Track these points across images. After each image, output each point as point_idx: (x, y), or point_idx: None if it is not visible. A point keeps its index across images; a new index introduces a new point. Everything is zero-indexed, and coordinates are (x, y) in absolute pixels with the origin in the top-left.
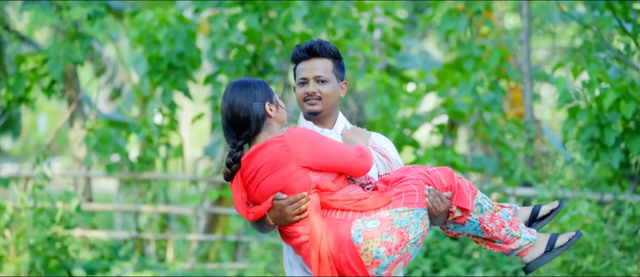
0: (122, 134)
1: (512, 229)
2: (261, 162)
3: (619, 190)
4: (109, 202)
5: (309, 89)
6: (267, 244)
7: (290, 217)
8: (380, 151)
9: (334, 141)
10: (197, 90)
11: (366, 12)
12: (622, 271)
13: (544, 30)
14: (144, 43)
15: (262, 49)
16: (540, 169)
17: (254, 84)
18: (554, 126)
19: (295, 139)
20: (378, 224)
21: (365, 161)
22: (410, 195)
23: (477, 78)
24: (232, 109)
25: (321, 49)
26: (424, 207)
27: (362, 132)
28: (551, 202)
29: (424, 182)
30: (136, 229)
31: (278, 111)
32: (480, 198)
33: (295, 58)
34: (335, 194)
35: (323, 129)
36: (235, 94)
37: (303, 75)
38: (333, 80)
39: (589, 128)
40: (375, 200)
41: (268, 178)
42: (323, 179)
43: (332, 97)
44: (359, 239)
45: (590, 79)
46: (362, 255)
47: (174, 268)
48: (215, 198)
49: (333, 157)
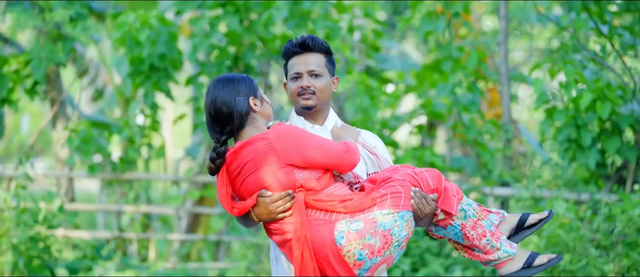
0: (104, 134)
1: (493, 239)
2: (246, 159)
3: (596, 190)
4: (91, 202)
5: (303, 83)
6: (248, 243)
7: (274, 214)
8: (370, 149)
9: (320, 137)
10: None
11: (346, 14)
12: (598, 270)
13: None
14: (126, 44)
15: (243, 51)
16: (518, 169)
17: (237, 79)
18: (532, 127)
19: (280, 137)
20: (361, 226)
21: (351, 157)
22: (396, 197)
23: (456, 79)
24: (216, 104)
25: (314, 44)
26: (410, 210)
27: (351, 129)
28: (540, 212)
29: (410, 184)
30: (118, 229)
31: (263, 106)
32: (466, 204)
33: (288, 53)
34: (320, 193)
35: (314, 125)
36: (218, 89)
37: (296, 69)
38: (326, 74)
39: (565, 129)
40: (360, 201)
41: (253, 175)
42: (308, 178)
43: (326, 92)
44: (342, 240)
45: (567, 80)
46: (345, 256)
47: (156, 268)
48: (196, 198)
49: (318, 153)
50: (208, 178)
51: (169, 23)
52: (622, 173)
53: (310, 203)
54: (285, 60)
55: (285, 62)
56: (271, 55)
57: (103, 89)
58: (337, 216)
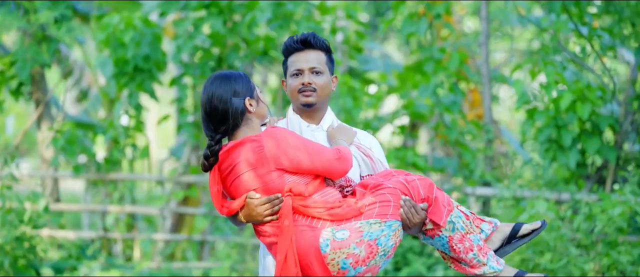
0: (89, 135)
1: (480, 254)
2: (237, 160)
3: (576, 189)
4: (76, 202)
5: (304, 80)
6: (232, 243)
7: (261, 217)
8: (364, 151)
9: (312, 143)
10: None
11: (329, 16)
12: (579, 269)
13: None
14: (110, 46)
15: (227, 52)
16: (499, 169)
17: (235, 77)
18: (513, 127)
19: (271, 141)
20: (347, 234)
21: (343, 164)
22: (384, 206)
23: (438, 80)
24: (211, 103)
25: (315, 41)
26: (398, 219)
27: (347, 130)
28: (533, 222)
29: (401, 192)
30: (103, 229)
31: (258, 106)
32: (455, 216)
33: (288, 49)
34: (308, 199)
35: (310, 124)
36: (215, 86)
37: (298, 66)
38: (327, 72)
39: (546, 129)
40: (347, 210)
41: (243, 176)
42: (297, 182)
43: (326, 90)
44: (327, 248)
45: (548, 81)
46: (329, 264)
47: (140, 267)
48: (181, 198)
49: (308, 160)
50: (192, 178)
51: (153, 24)
52: (602, 173)
53: (297, 208)
54: (285, 57)
55: (284, 59)
56: (254, 57)
57: (88, 90)
58: (323, 223)
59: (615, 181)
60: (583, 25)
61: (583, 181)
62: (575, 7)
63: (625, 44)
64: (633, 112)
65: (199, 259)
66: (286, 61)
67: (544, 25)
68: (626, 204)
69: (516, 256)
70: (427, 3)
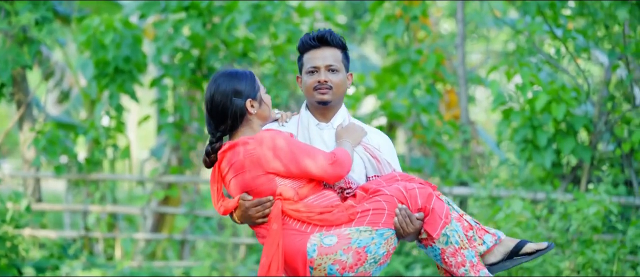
0: (70, 135)
1: (472, 271)
2: (232, 161)
3: (551, 189)
4: (57, 202)
5: (320, 78)
6: (212, 242)
7: (253, 219)
8: (371, 152)
9: (305, 147)
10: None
11: (307, 18)
12: (554, 267)
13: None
14: (91, 47)
15: (207, 53)
16: (476, 169)
17: (239, 77)
18: (489, 127)
19: (263, 145)
20: (335, 241)
21: (338, 169)
22: (377, 214)
23: (415, 81)
24: (212, 101)
25: (332, 38)
26: (391, 227)
27: (355, 130)
28: (539, 242)
29: (398, 200)
30: (85, 229)
31: (261, 108)
32: (451, 230)
33: (304, 46)
34: (298, 203)
35: (319, 123)
36: (217, 85)
37: (314, 63)
38: (342, 70)
39: (522, 129)
40: (338, 215)
41: (237, 177)
42: (288, 187)
43: (342, 87)
44: (314, 253)
45: (523, 82)
46: (315, 269)
47: (121, 266)
48: (161, 198)
49: (300, 165)
50: (172, 178)
51: (133, 26)
52: (577, 173)
53: (287, 212)
54: (301, 53)
55: (299, 56)
56: (234, 58)
57: (69, 91)
58: (312, 228)
59: (589, 180)
60: (558, 27)
61: (558, 181)
62: (549, 10)
63: (599, 45)
64: (607, 113)
65: (179, 258)
66: (302, 58)
67: (519, 27)
68: (601, 203)
69: None
70: (404, 5)
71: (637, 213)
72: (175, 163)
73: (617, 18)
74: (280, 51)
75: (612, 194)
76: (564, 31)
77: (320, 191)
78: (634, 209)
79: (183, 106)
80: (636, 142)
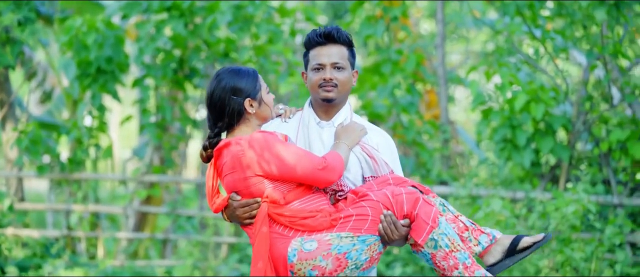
0: (52, 135)
1: (466, 272)
2: (224, 160)
3: (530, 188)
4: (40, 201)
5: (326, 75)
6: (194, 242)
7: (240, 219)
8: (368, 152)
9: (298, 152)
10: (125, 93)
11: (288, 18)
12: (534, 266)
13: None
14: (73, 48)
15: (188, 54)
16: (456, 168)
17: (241, 75)
18: (468, 127)
19: (252, 148)
20: (315, 246)
21: (328, 174)
22: (361, 220)
23: (395, 81)
24: (212, 97)
25: (338, 35)
26: (374, 234)
27: (354, 130)
28: (535, 235)
29: (384, 206)
30: (67, 228)
31: (260, 108)
32: (439, 234)
33: (311, 43)
34: (283, 207)
35: (320, 121)
36: (218, 81)
37: (320, 61)
38: (348, 68)
39: (501, 129)
40: (320, 221)
41: (228, 176)
42: (277, 189)
43: (347, 85)
44: (294, 258)
45: (502, 82)
46: (295, 274)
47: (104, 265)
48: (143, 197)
49: (288, 170)
50: (154, 178)
51: (116, 27)
52: (556, 172)
53: (272, 215)
54: (307, 50)
55: (306, 52)
56: (215, 58)
57: (51, 91)
58: (294, 232)
59: (568, 179)
60: (536, 27)
61: (537, 180)
62: (528, 10)
63: (577, 46)
64: (585, 113)
65: (161, 257)
66: (308, 54)
67: (498, 27)
68: (579, 202)
69: None
70: (384, 6)
71: (615, 212)
72: (157, 163)
73: (595, 19)
74: (262, 51)
75: (590, 193)
76: (543, 32)
77: (309, 195)
78: (612, 208)
79: (165, 106)
80: (614, 141)
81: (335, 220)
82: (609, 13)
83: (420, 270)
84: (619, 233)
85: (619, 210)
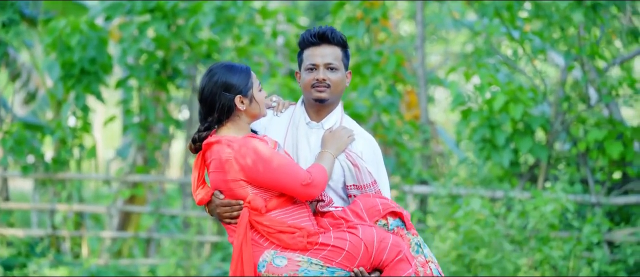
0: (37, 136)
1: None
2: (211, 157)
3: (509, 187)
4: (25, 201)
5: (319, 76)
6: (177, 240)
7: (221, 216)
8: (353, 160)
9: (285, 163)
10: (108, 94)
11: (270, 20)
12: (512, 264)
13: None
14: (57, 49)
15: (171, 55)
16: (436, 168)
17: (234, 71)
18: (448, 127)
19: (242, 155)
20: (284, 263)
21: (310, 191)
22: (335, 251)
23: (375, 82)
24: (203, 92)
25: (332, 36)
26: (346, 269)
27: (341, 137)
28: None
29: (365, 246)
30: (52, 227)
31: (251, 105)
32: None
33: (305, 43)
34: (263, 216)
35: (310, 121)
36: (210, 76)
37: (313, 61)
38: (342, 68)
39: (480, 129)
40: (297, 240)
41: (214, 174)
42: (258, 196)
43: (340, 86)
44: (262, 268)
45: (481, 82)
46: None
47: (88, 264)
48: (127, 197)
49: (273, 182)
50: (138, 178)
51: (99, 28)
52: (534, 171)
53: (251, 222)
54: (301, 49)
55: (300, 51)
56: (198, 59)
57: (35, 92)
58: (270, 244)
59: (546, 179)
60: (515, 29)
61: (516, 179)
62: (507, 12)
63: (554, 47)
64: (563, 113)
65: (145, 256)
66: (302, 54)
67: (477, 29)
68: (557, 201)
69: (453, 252)
70: (365, 7)
71: (593, 211)
72: (141, 163)
73: (572, 20)
74: (244, 52)
75: (568, 192)
76: (521, 33)
77: (290, 206)
78: (590, 207)
79: (148, 107)
80: (591, 141)
81: (311, 244)
82: (586, 15)
83: None
84: (596, 232)
85: (596, 209)
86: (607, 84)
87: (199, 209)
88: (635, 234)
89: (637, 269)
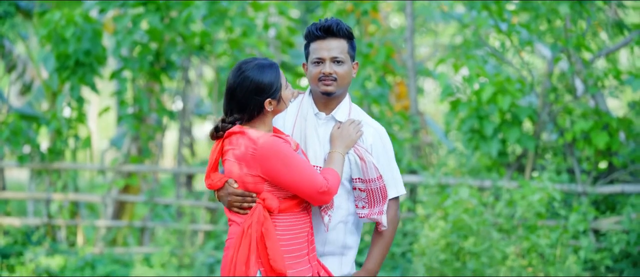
0: (33, 126)
1: None
2: (231, 146)
3: (497, 177)
4: (21, 190)
5: (325, 69)
6: (171, 229)
7: (229, 204)
8: (360, 154)
9: (304, 167)
10: (103, 85)
11: (261, 12)
12: (500, 252)
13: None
14: (52, 41)
15: (164, 47)
16: (425, 158)
17: (267, 73)
18: (437, 118)
19: (263, 154)
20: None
21: (326, 198)
22: None
23: (366, 73)
24: (235, 90)
25: (338, 29)
26: None
27: (349, 134)
28: None
29: None
30: (47, 216)
31: (278, 105)
32: None
33: (310, 36)
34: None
35: (319, 112)
36: (243, 78)
37: (319, 55)
38: (348, 61)
39: (469, 120)
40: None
41: (230, 163)
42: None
43: (347, 78)
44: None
45: (470, 74)
46: None
47: (83, 252)
48: (122, 186)
49: (291, 184)
50: (132, 167)
51: (93, 21)
52: (522, 161)
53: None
54: (307, 42)
55: (306, 43)
56: (191, 51)
57: (31, 84)
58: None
59: (534, 168)
60: (502, 21)
61: (504, 169)
62: (495, 4)
63: (541, 39)
64: (550, 104)
65: (139, 244)
66: (308, 46)
67: (465, 21)
68: (544, 190)
69: (442, 240)
70: (355, 0)
71: (579, 200)
72: (135, 153)
73: (558, 13)
74: (236, 44)
75: (555, 181)
76: (509, 25)
77: (297, 213)
78: (576, 196)
79: (142, 98)
80: (578, 131)
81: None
82: (572, 7)
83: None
84: (583, 220)
85: (583, 198)
86: (593, 76)
87: (192, 199)
88: (621, 223)
89: (622, 257)
